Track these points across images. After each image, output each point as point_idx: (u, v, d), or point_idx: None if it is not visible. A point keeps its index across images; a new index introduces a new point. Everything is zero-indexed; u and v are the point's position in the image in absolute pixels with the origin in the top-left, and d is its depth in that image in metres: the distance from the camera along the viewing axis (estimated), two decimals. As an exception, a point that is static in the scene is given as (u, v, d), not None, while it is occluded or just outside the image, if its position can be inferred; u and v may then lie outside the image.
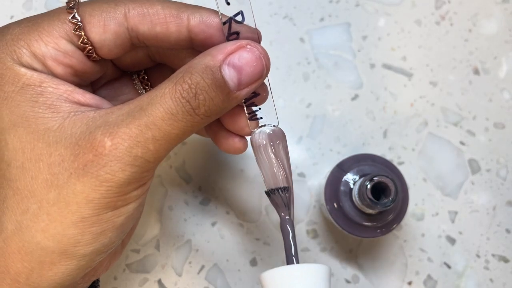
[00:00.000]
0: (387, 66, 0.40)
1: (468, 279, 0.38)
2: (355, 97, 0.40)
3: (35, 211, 0.24)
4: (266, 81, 0.27)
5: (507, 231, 0.39)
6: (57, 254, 0.24)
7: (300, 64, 0.40)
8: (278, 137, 0.28)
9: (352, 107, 0.40)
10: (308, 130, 0.40)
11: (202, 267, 0.38)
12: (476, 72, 0.40)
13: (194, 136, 0.40)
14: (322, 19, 0.41)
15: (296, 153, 0.39)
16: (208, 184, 0.39)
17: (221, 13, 0.25)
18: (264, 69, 0.25)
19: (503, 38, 0.41)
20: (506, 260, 0.39)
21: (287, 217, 0.29)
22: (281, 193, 0.28)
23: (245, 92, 0.25)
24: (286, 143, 0.28)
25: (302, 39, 0.41)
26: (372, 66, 0.40)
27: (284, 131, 0.27)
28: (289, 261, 0.28)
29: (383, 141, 0.40)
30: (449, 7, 0.41)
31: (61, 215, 0.24)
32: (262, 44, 0.41)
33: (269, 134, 0.28)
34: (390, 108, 0.40)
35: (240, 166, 0.39)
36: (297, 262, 0.28)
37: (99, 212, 0.24)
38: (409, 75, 0.40)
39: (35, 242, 0.24)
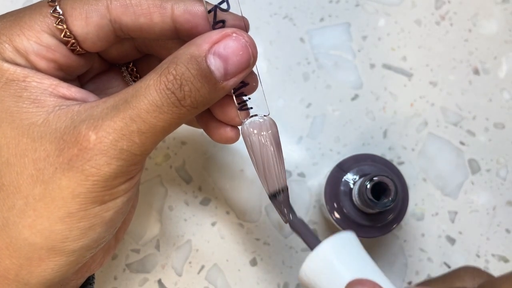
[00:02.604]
0: (387, 66, 0.40)
1: (468, 279, 0.38)
2: (355, 97, 0.40)
3: (22, 207, 0.24)
4: (255, 70, 0.26)
5: (507, 231, 0.39)
6: (45, 250, 0.24)
7: (300, 64, 0.40)
8: (269, 127, 0.27)
9: (352, 107, 0.40)
10: (308, 130, 0.40)
11: (202, 267, 0.38)
12: (476, 72, 0.40)
13: (194, 136, 0.40)
14: (322, 19, 0.41)
15: (296, 153, 0.39)
16: (208, 184, 0.39)
17: (206, 1, 0.24)
18: (251, 58, 0.24)
19: (503, 38, 0.41)
20: (506, 260, 0.39)
21: (293, 218, 0.29)
22: (282, 195, 0.28)
23: (232, 82, 0.24)
24: (278, 132, 0.28)
25: (302, 39, 0.41)
26: (372, 66, 0.40)
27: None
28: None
29: (383, 141, 0.40)
30: (449, 7, 0.41)
31: (47, 211, 0.23)
32: (262, 44, 0.42)
33: (259, 124, 0.27)
34: (390, 108, 0.40)
35: (240, 166, 0.39)
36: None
37: (86, 207, 0.24)
38: (409, 75, 0.40)
39: (23, 238, 0.24)
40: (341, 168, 0.35)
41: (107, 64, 0.30)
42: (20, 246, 0.24)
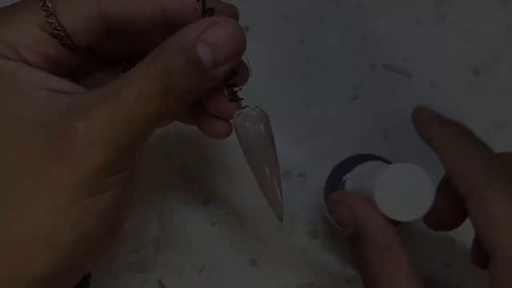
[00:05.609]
0: (387, 66, 0.40)
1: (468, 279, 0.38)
2: (355, 97, 0.40)
3: (10, 200, 0.23)
4: (246, 60, 0.26)
5: (507, 231, 0.39)
6: (34, 245, 0.23)
7: (300, 64, 0.40)
8: (261, 118, 0.27)
9: (352, 107, 0.40)
10: (308, 130, 0.40)
11: (202, 267, 0.38)
12: (476, 72, 0.40)
13: (194, 136, 0.40)
14: (322, 19, 0.41)
15: (296, 153, 0.39)
16: (208, 184, 0.39)
17: None
18: (240, 44, 0.24)
19: (503, 38, 0.41)
20: (506, 260, 0.39)
21: None
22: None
23: (222, 70, 0.24)
24: (270, 123, 0.27)
25: (302, 39, 0.41)
26: (372, 66, 0.40)
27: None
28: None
29: (383, 141, 0.40)
30: (449, 7, 0.41)
31: (35, 204, 0.23)
32: (262, 44, 0.41)
33: (250, 115, 0.27)
34: (390, 108, 0.40)
35: (240, 166, 0.39)
36: None
37: (75, 200, 0.23)
38: (409, 75, 0.40)
39: (11, 232, 0.23)
40: (341, 168, 0.35)
41: (100, 61, 0.30)
42: (10, 241, 0.23)
